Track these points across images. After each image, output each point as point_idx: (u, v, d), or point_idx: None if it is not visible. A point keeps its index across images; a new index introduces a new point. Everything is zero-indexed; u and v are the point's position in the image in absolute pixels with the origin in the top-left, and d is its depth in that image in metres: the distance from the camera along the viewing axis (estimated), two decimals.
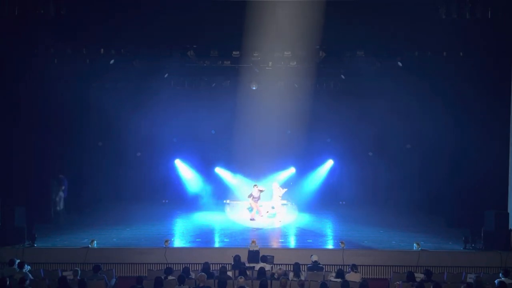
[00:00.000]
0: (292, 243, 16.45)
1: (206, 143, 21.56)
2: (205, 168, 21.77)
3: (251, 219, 18.41)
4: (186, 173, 21.98)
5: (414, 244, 14.74)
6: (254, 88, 19.46)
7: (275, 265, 13.32)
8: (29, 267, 12.69)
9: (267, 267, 12.65)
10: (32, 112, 17.31)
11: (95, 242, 14.82)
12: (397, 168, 21.06)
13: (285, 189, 19.09)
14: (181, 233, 17.45)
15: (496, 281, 11.47)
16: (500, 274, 12.20)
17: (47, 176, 18.09)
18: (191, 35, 17.12)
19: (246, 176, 20.67)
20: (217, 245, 15.99)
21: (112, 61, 18.21)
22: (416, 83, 18.75)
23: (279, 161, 21.05)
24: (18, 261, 12.55)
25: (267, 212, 18.95)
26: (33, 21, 15.74)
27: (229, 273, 12.38)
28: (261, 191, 18.70)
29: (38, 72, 17.13)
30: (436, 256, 14.49)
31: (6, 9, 15.44)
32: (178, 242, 16.07)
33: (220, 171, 21.81)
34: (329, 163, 21.86)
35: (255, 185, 18.85)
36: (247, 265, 12.83)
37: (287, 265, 13.67)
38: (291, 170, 21.67)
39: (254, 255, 13.35)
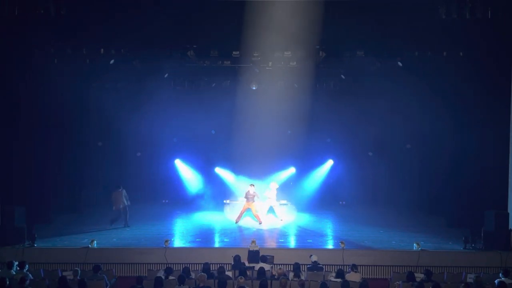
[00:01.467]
0: (292, 243, 16.42)
1: (206, 143, 21.57)
2: (205, 168, 21.76)
3: (260, 223, 18.07)
4: (186, 173, 21.96)
5: (414, 244, 14.73)
6: (254, 88, 19.47)
7: (275, 265, 13.29)
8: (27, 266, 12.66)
9: (267, 267, 12.62)
10: (32, 112, 17.29)
11: (95, 242, 14.82)
12: (397, 168, 21.13)
13: (284, 201, 19.12)
14: (181, 233, 17.43)
15: (496, 281, 11.46)
16: (500, 274, 12.19)
17: (47, 176, 18.08)
18: (191, 35, 17.12)
19: (246, 176, 20.64)
20: (217, 245, 15.99)
21: (112, 61, 18.21)
22: (416, 83, 18.79)
23: (279, 161, 20.99)
24: (17, 263, 12.51)
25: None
26: (33, 21, 15.70)
27: (229, 273, 12.38)
28: (255, 194, 18.26)
29: (38, 72, 17.14)
30: (436, 256, 14.49)
31: (6, 9, 15.40)
32: (178, 242, 16.05)
33: (220, 171, 21.79)
34: (329, 163, 21.83)
35: (251, 185, 18.61)
36: (247, 265, 12.81)
37: (287, 265, 13.67)
38: (291, 170, 21.64)
39: (254, 255, 13.34)
